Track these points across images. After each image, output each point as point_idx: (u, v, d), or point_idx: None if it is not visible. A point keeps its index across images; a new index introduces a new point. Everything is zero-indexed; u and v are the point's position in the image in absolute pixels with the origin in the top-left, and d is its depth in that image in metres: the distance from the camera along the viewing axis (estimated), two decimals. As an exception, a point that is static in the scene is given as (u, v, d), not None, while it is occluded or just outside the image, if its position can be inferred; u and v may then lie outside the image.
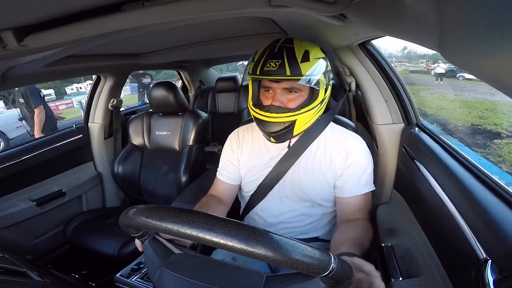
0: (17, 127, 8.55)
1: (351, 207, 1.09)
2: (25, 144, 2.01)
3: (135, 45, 1.75)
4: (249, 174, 1.22)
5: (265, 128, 1.06)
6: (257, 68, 1.01)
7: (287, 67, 0.97)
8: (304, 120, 1.04)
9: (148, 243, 0.76)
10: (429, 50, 0.64)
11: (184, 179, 1.91)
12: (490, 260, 0.61)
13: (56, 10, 0.74)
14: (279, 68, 0.97)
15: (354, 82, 1.45)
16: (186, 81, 3.61)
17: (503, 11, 0.32)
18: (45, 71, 1.52)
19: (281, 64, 0.97)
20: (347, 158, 1.09)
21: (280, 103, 1.03)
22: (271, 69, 0.98)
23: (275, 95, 1.04)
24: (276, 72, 0.98)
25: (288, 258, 0.50)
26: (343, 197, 1.11)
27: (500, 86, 0.42)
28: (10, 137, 8.57)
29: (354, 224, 1.04)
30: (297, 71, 0.97)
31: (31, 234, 1.93)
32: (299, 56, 0.99)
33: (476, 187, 0.77)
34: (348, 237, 0.94)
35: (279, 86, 1.02)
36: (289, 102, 1.04)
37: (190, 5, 0.70)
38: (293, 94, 1.04)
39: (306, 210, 1.17)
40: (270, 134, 1.06)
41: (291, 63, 0.98)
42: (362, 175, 1.10)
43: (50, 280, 0.95)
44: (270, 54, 1.01)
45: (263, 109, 1.04)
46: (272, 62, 0.99)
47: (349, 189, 1.09)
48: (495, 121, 3.81)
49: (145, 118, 2.18)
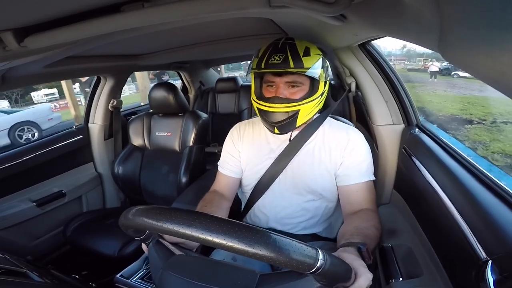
0: (48, 119, 9.82)
1: (354, 197, 1.10)
2: (25, 145, 2.01)
3: (135, 46, 1.75)
4: (249, 166, 1.24)
5: (269, 118, 1.09)
6: (261, 63, 1.05)
7: (290, 61, 1.02)
8: (307, 110, 1.07)
9: (152, 246, 0.77)
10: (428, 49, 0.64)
11: (184, 180, 1.91)
12: (491, 261, 0.61)
13: (56, 11, 0.74)
14: (283, 62, 1.02)
15: (354, 82, 1.45)
16: (186, 81, 3.60)
17: (502, 11, 0.32)
18: (45, 72, 1.53)
19: (285, 58, 1.02)
20: (346, 148, 1.12)
21: (283, 95, 1.07)
22: (275, 62, 1.02)
23: (278, 89, 1.07)
24: (280, 65, 1.02)
25: (277, 255, 0.50)
26: (344, 185, 1.12)
27: (500, 87, 0.42)
28: (43, 128, 9.55)
29: (358, 214, 1.05)
30: (300, 64, 1.02)
31: (32, 234, 1.93)
32: (301, 51, 1.04)
33: (476, 188, 0.77)
34: (350, 227, 0.95)
35: (282, 80, 1.06)
36: (291, 95, 1.08)
37: (190, 6, 0.70)
38: (295, 88, 1.08)
39: (306, 205, 1.18)
40: (274, 124, 1.09)
41: (294, 57, 1.02)
42: (362, 163, 1.12)
43: (51, 281, 0.95)
44: (274, 49, 1.06)
45: (267, 100, 1.08)
46: (276, 56, 1.03)
47: (350, 176, 1.11)
48: (472, 112, 4.33)
49: (145, 119, 2.18)
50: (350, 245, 0.81)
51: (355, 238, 0.85)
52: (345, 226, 1.01)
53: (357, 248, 0.78)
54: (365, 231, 0.91)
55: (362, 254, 0.77)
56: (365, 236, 0.88)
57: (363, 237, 0.86)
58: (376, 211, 1.09)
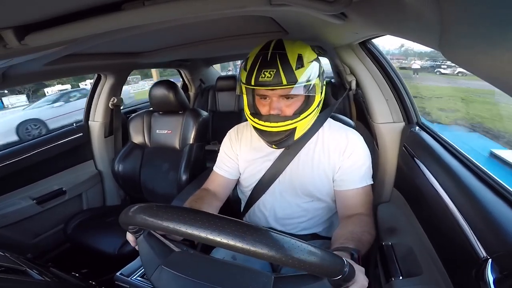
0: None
1: (350, 201, 1.09)
2: (25, 142, 2.01)
3: (136, 44, 1.75)
4: (248, 168, 1.22)
5: (266, 138, 1.06)
6: (251, 79, 0.98)
7: (282, 77, 0.94)
8: (303, 125, 1.04)
9: (143, 239, 0.76)
10: (426, 48, 0.63)
11: (185, 178, 1.91)
12: (491, 259, 0.61)
13: (57, 9, 0.74)
14: (274, 78, 0.95)
15: (355, 80, 1.45)
16: (186, 79, 3.60)
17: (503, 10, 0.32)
18: (45, 69, 1.52)
19: (276, 73, 0.95)
20: (345, 152, 1.10)
21: (278, 110, 1.02)
22: (266, 79, 0.95)
23: (272, 103, 1.02)
24: (272, 82, 0.95)
25: (307, 262, 0.52)
26: (342, 190, 1.11)
27: (500, 85, 0.42)
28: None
29: (352, 219, 1.04)
30: (293, 79, 0.95)
31: (32, 232, 1.93)
32: (293, 62, 0.96)
33: (477, 186, 0.78)
34: (344, 232, 0.95)
35: (275, 93, 1.00)
36: (286, 108, 1.03)
37: (191, 4, 0.70)
38: (290, 100, 1.02)
39: (306, 206, 1.17)
40: (272, 143, 1.07)
41: (286, 71, 0.95)
42: (361, 168, 1.10)
43: (51, 279, 0.95)
44: (263, 62, 0.98)
45: (262, 118, 1.03)
46: (267, 72, 0.95)
47: (347, 182, 1.09)
48: (423, 94, 4.77)
49: (146, 116, 2.18)
50: (344, 249, 0.82)
51: (350, 243, 0.85)
52: (339, 230, 1.01)
53: (350, 254, 0.80)
54: (359, 236, 0.92)
55: (353, 260, 0.77)
56: (358, 241, 0.89)
57: (356, 243, 0.87)
58: (371, 216, 1.09)
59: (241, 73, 1.04)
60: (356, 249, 0.82)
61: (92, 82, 2.35)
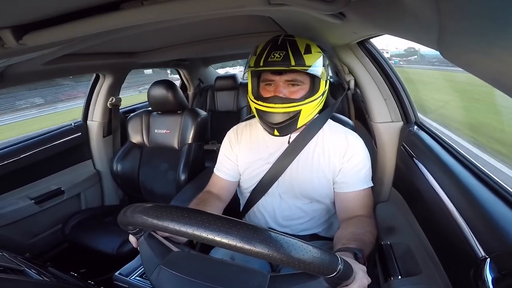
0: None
1: (351, 204, 1.09)
2: (23, 142, 2.00)
3: (134, 44, 1.75)
4: (248, 170, 1.21)
5: (268, 120, 1.03)
6: (260, 60, 1.00)
7: (291, 58, 0.97)
8: (308, 111, 1.03)
9: (144, 240, 0.76)
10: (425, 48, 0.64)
11: (183, 177, 1.91)
12: (489, 259, 0.61)
13: (55, 8, 0.74)
14: (283, 59, 0.97)
15: (353, 80, 1.45)
16: (185, 79, 3.59)
17: (502, 10, 0.32)
18: (44, 69, 1.52)
19: (285, 55, 0.97)
20: (345, 154, 1.09)
21: (283, 95, 1.02)
22: (275, 60, 0.97)
23: (277, 88, 1.02)
24: (280, 63, 0.97)
25: (300, 260, 0.52)
26: (342, 193, 1.10)
27: (499, 85, 0.42)
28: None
29: (353, 220, 1.04)
30: (301, 62, 0.98)
31: (30, 232, 1.92)
32: (302, 48, 0.99)
33: (475, 185, 0.78)
34: (346, 233, 0.95)
35: (282, 78, 1.02)
36: (291, 94, 1.03)
37: (189, 4, 0.70)
38: (295, 87, 1.03)
39: (305, 207, 1.17)
40: (274, 126, 1.03)
41: (295, 54, 0.98)
42: (361, 171, 1.10)
43: (49, 279, 0.94)
44: (273, 46, 1.01)
45: (266, 100, 1.03)
46: (276, 53, 0.98)
47: (348, 184, 1.09)
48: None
49: (144, 116, 2.17)
50: (347, 250, 0.81)
51: (352, 244, 0.85)
52: (340, 231, 1.01)
53: (354, 254, 0.79)
54: (361, 236, 0.91)
55: (358, 260, 0.77)
56: (361, 241, 0.88)
57: (359, 243, 0.87)
58: (372, 217, 1.09)
59: (250, 59, 1.05)
60: (359, 248, 0.82)
61: (91, 82, 2.34)
